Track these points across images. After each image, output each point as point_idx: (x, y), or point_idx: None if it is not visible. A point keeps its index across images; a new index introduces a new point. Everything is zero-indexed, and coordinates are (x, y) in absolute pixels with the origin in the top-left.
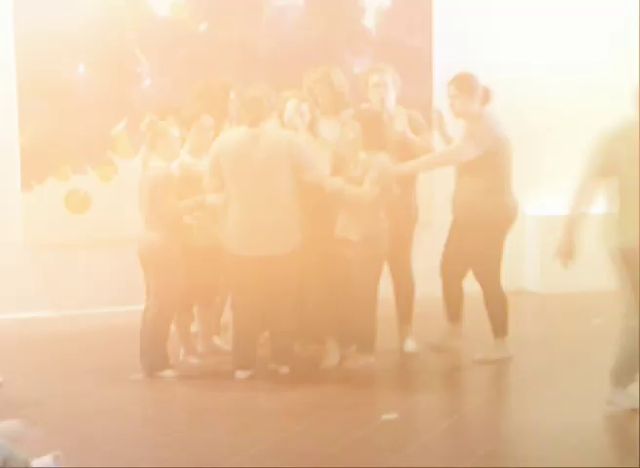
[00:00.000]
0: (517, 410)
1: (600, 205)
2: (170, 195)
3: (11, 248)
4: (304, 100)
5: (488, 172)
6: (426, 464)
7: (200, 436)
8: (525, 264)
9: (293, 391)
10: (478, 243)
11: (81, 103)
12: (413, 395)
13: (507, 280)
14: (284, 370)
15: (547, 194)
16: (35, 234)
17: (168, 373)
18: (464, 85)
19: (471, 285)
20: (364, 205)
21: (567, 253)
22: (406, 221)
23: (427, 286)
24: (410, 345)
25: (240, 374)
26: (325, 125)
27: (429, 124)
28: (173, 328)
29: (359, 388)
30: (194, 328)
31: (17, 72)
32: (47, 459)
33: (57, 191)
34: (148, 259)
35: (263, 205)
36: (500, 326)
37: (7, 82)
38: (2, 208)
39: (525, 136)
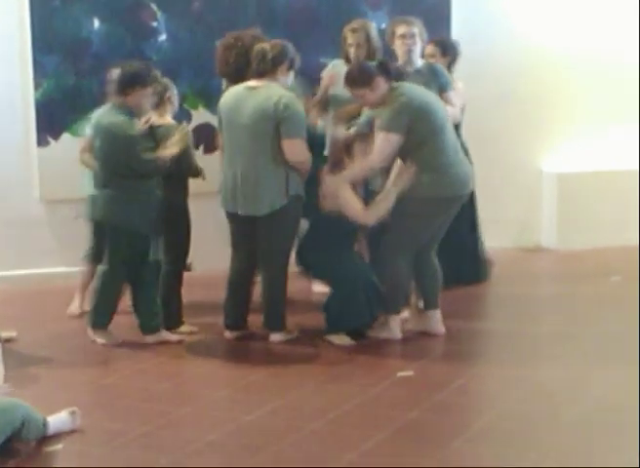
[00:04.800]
0: (532, 371)
1: (620, 162)
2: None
3: (27, 203)
4: None
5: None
6: (441, 421)
7: (215, 392)
8: (542, 221)
9: (305, 349)
10: None
11: (96, 58)
12: (427, 353)
13: (524, 237)
14: (274, 337)
15: (564, 152)
16: (51, 189)
17: (186, 329)
18: (358, 81)
19: None
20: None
21: None
22: None
23: None
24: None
25: (228, 334)
26: None
27: None
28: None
29: (372, 345)
30: None
31: (32, 27)
32: (63, 415)
33: (72, 146)
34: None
35: (246, 163)
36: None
37: (22, 37)
38: (18, 163)
39: (541, 95)
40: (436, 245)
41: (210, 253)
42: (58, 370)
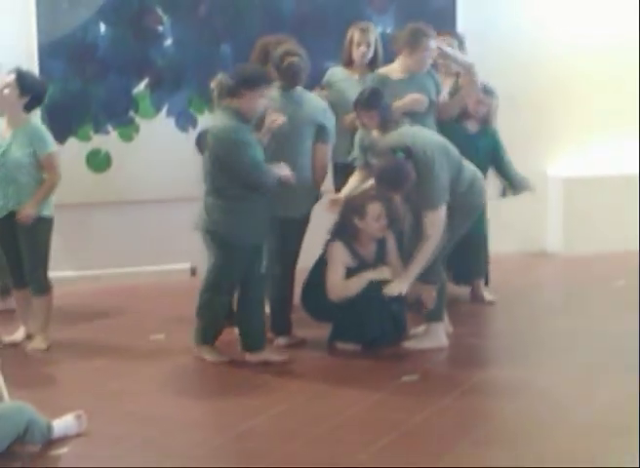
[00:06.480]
0: (536, 375)
1: (625, 167)
2: None
3: None
4: None
5: None
6: (446, 424)
7: (223, 397)
8: (547, 226)
9: (311, 353)
10: None
11: (102, 63)
12: (431, 358)
13: (529, 242)
14: (280, 341)
15: (569, 156)
16: (57, 193)
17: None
18: (399, 185)
19: None
20: None
21: None
22: None
23: None
24: None
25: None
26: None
27: None
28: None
29: (377, 350)
30: None
31: (38, 32)
32: (69, 419)
33: (78, 151)
34: None
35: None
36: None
37: (28, 42)
38: None
39: (547, 99)
40: None
41: None
42: (63, 374)
